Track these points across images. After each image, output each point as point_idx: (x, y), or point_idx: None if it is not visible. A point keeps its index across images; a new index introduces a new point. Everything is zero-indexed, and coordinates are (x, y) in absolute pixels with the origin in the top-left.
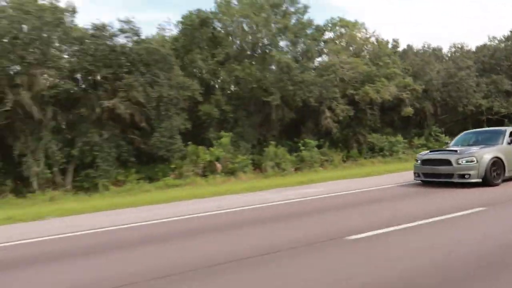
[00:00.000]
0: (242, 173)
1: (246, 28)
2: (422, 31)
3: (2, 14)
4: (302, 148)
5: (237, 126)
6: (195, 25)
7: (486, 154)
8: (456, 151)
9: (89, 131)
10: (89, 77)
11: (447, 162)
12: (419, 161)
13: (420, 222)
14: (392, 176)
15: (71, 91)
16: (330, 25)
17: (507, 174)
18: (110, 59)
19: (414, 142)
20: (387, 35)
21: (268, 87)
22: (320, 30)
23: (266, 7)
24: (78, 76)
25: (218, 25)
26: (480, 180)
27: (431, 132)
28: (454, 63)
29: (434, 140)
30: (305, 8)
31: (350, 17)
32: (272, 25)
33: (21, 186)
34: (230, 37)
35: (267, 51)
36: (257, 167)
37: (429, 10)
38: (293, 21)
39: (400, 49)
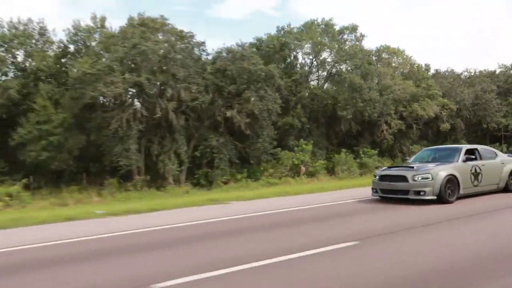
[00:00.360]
0: (320, 175)
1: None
2: (420, 33)
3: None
4: (362, 155)
5: (311, 135)
6: (276, 49)
7: (442, 171)
8: (412, 167)
9: (209, 136)
10: (217, 92)
11: (404, 179)
12: (377, 177)
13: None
14: None
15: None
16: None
17: (462, 192)
18: (236, 77)
19: None
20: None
21: (342, 104)
22: (371, 55)
23: (336, 35)
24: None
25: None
26: (434, 197)
27: None
28: (481, 87)
29: None
30: (362, 36)
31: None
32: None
33: (161, 181)
34: (304, 59)
35: (336, 71)
36: (328, 170)
37: (427, 12)
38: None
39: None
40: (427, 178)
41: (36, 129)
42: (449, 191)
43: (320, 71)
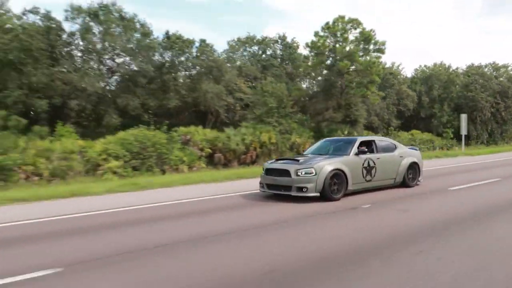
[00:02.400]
0: None
1: None
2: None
3: None
4: None
5: None
6: None
7: (327, 166)
8: (298, 160)
9: None
10: None
11: (287, 173)
12: (264, 170)
13: None
14: None
15: None
16: None
17: (351, 188)
18: None
19: None
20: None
21: None
22: None
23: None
24: None
25: None
26: (318, 194)
27: None
28: None
29: None
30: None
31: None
32: None
33: None
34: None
35: None
36: None
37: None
38: None
39: None
40: (310, 173)
41: None
42: (335, 187)
43: None
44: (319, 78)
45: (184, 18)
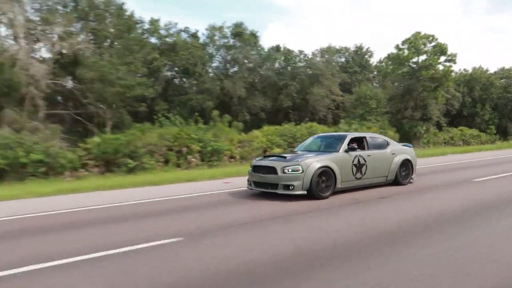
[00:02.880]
0: None
1: None
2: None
3: None
4: None
5: None
6: None
7: (315, 163)
8: (285, 157)
9: None
10: None
11: (273, 170)
12: (251, 168)
13: None
14: None
15: None
16: None
17: (340, 186)
18: None
19: None
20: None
21: None
22: None
23: None
24: None
25: None
26: (305, 192)
27: None
28: None
29: None
30: None
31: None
32: None
33: None
34: None
35: None
36: None
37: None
38: None
39: None
40: (297, 171)
41: None
42: (322, 185)
43: None
44: (395, 83)
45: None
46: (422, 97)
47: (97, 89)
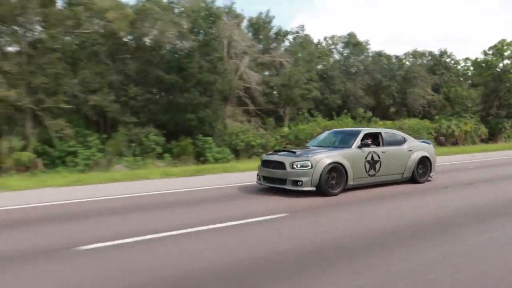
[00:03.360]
0: None
1: None
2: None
3: None
4: None
5: None
6: None
7: (325, 159)
8: (295, 152)
9: None
10: None
11: (282, 166)
12: (261, 162)
13: None
14: None
15: None
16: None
17: (352, 183)
18: None
19: None
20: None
21: None
22: None
23: None
24: None
25: None
26: (313, 188)
27: None
28: None
29: None
30: None
31: None
32: None
33: None
34: None
35: None
36: None
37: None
38: None
39: None
40: (306, 166)
41: None
42: (332, 182)
43: None
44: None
45: None
46: (506, 97)
47: (285, 91)
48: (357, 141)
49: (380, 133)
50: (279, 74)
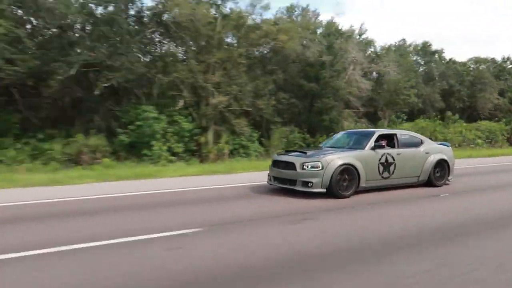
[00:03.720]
0: None
1: None
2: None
3: None
4: None
5: None
6: None
7: (337, 160)
8: (305, 153)
9: None
10: None
11: (292, 166)
12: (272, 162)
13: None
14: None
15: None
16: None
17: (364, 185)
18: None
19: None
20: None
21: None
22: None
23: None
24: None
25: None
26: (324, 190)
27: None
28: None
29: None
30: None
31: None
32: None
33: None
34: None
35: None
36: None
37: None
38: None
39: None
40: (316, 167)
41: None
42: (344, 184)
43: None
44: None
45: None
46: None
47: (389, 96)
48: (371, 142)
49: (395, 134)
50: (382, 81)
